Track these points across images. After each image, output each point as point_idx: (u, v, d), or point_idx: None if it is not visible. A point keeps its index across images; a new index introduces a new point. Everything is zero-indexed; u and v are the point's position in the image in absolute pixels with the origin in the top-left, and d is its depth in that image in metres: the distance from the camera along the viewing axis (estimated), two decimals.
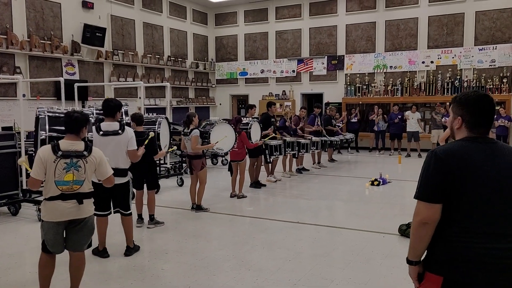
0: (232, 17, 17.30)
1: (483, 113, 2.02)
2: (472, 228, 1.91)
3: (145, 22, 14.44)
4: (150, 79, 14.44)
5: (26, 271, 4.41)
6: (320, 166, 11.04)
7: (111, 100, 4.87)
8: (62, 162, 3.39)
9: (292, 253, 4.84)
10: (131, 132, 4.84)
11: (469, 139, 2.02)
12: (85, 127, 3.61)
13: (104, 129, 4.71)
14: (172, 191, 8.42)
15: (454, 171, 1.91)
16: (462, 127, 2.05)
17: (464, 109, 2.04)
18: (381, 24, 14.71)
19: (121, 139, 4.70)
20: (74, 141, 3.50)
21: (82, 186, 3.47)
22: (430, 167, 1.96)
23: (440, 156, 1.95)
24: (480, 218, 1.91)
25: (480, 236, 1.90)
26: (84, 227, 3.55)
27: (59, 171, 3.38)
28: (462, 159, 1.93)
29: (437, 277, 1.96)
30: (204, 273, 4.29)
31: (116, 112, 4.80)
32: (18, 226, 6.04)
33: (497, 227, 1.91)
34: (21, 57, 10.67)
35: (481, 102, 2.02)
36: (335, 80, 15.63)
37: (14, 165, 6.70)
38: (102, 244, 4.79)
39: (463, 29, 13.62)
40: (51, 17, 11.37)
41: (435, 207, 1.93)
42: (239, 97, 17.79)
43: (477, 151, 1.96)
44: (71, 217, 3.45)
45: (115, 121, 4.78)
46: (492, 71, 13.37)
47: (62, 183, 3.39)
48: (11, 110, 10.00)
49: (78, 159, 3.43)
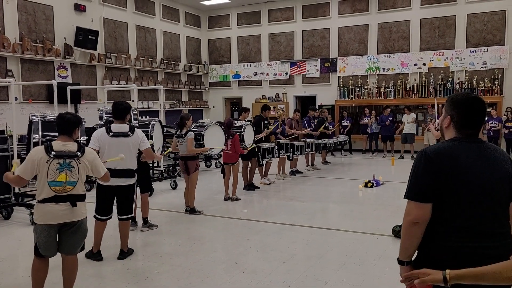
0: (225, 20, 17.33)
1: (473, 115, 2.04)
2: (462, 227, 1.93)
3: (138, 25, 14.42)
4: (143, 82, 14.41)
5: (19, 275, 4.37)
6: (313, 168, 11.07)
7: (121, 103, 4.92)
8: (55, 162, 3.37)
9: (286, 255, 4.84)
10: (141, 133, 4.91)
11: (457, 139, 2.04)
12: (78, 128, 3.63)
13: (114, 130, 4.74)
14: (166, 194, 8.40)
15: (444, 171, 1.94)
16: (450, 126, 2.08)
17: (454, 109, 2.07)
18: (374, 27, 14.81)
19: (131, 141, 4.75)
20: (67, 142, 3.50)
21: (75, 187, 3.45)
22: (420, 167, 1.98)
23: (429, 155, 1.97)
24: (469, 218, 1.93)
25: (470, 235, 1.92)
26: (78, 230, 3.53)
27: (52, 171, 3.36)
28: (452, 159, 1.95)
29: None
30: (198, 276, 4.28)
31: (126, 115, 4.85)
32: (10, 230, 5.99)
33: (486, 226, 1.94)
34: (13, 60, 10.61)
35: (471, 104, 2.04)
36: (328, 83, 15.70)
37: (6, 168, 6.63)
38: (97, 246, 4.76)
39: (455, 31, 13.75)
40: (43, 20, 11.32)
41: (426, 206, 1.95)
42: (233, 99, 17.80)
43: (466, 151, 1.99)
44: (64, 220, 3.43)
45: (124, 123, 4.82)
46: (483, 73, 13.50)
47: (55, 184, 3.37)
48: (3, 113, 9.93)
49: (71, 160, 3.42)
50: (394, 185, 9.02)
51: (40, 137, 6.44)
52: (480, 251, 1.90)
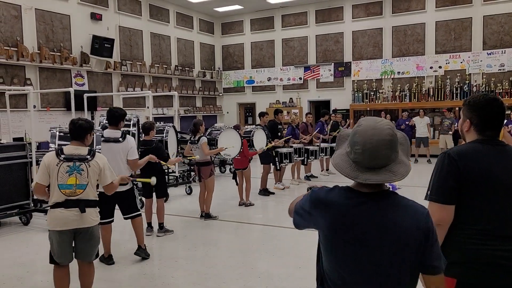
0: (238, 26, 17.42)
1: (492, 116, 2.01)
2: (485, 230, 1.90)
3: (153, 33, 14.59)
4: (157, 88, 14.54)
5: (38, 280, 4.44)
6: (328, 173, 11.00)
7: (116, 110, 5.01)
8: (64, 165, 3.39)
9: (302, 260, 4.81)
10: (132, 142, 4.91)
11: (479, 141, 2.01)
12: (90, 134, 3.63)
13: (106, 135, 4.86)
14: (181, 200, 8.44)
15: (467, 172, 1.91)
16: (470, 129, 2.05)
17: (473, 112, 2.04)
18: (388, 30, 14.71)
19: (121, 147, 4.79)
20: (78, 146, 3.52)
21: (85, 191, 3.43)
22: (444, 169, 1.95)
23: (453, 157, 1.95)
24: (492, 221, 1.90)
25: (493, 239, 1.89)
26: (91, 238, 3.51)
27: (61, 174, 3.37)
28: (474, 161, 1.93)
29: (450, 279, 1.95)
30: (214, 281, 4.28)
31: (120, 121, 4.92)
32: (29, 236, 6.09)
33: (509, 229, 1.90)
34: (31, 69, 10.82)
35: (489, 105, 2.02)
36: (342, 87, 15.62)
37: (25, 175, 6.77)
38: (107, 252, 4.84)
39: (471, 33, 13.57)
40: (60, 29, 11.54)
41: (449, 208, 1.92)
42: (246, 105, 17.84)
43: (488, 153, 1.96)
44: (74, 226, 3.40)
45: (117, 129, 4.89)
46: (501, 76, 13.27)
47: (65, 187, 3.38)
48: (22, 121, 10.12)
49: (81, 163, 3.43)
50: (410, 189, 8.87)
51: (55, 145, 6.79)
52: (503, 254, 1.87)
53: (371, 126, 1.48)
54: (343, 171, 1.52)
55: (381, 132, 1.45)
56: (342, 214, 1.50)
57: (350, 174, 1.50)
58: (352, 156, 1.50)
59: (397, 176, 1.46)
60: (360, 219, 1.47)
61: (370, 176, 1.45)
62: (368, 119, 1.52)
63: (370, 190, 1.51)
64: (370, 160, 1.46)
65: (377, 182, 1.45)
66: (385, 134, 1.45)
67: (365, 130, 1.47)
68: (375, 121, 1.50)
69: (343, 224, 1.49)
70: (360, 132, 1.48)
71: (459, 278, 1.93)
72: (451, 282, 1.94)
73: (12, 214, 6.51)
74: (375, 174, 1.45)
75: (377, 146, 1.44)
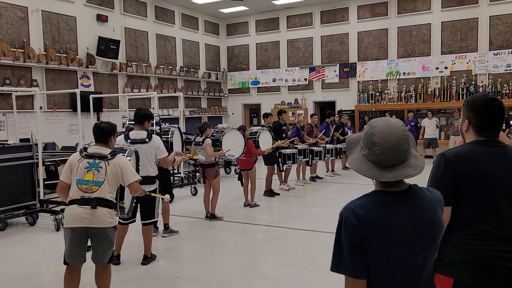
0: (243, 27, 17.44)
1: (490, 116, 2.01)
2: (482, 231, 1.91)
3: (158, 34, 14.64)
4: (163, 89, 14.59)
5: (44, 280, 4.46)
6: (334, 174, 10.98)
7: (142, 109, 5.03)
8: (84, 161, 3.48)
9: (307, 261, 4.81)
10: (158, 141, 4.95)
11: (477, 142, 2.01)
12: (113, 136, 3.73)
13: (132, 137, 4.84)
14: (186, 200, 8.45)
15: (464, 174, 1.91)
16: (469, 130, 2.05)
17: (471, 112, 2.04)
18: (393, 31, 14.67)
19: (148, 147, 4.82)
20: (101, 147, 3.61)
21: (101, 188, 3.40)
22: (440, 170, 1.96)
23: (449, 158, 1.95)
24: (490, 222, 1.91)
25: (490, 240, 1.90)
26: (103, 240, 3.43)
27: (81, 169, 3.45)
28: (471, 162, 1.93)
29: (447, 278, 1.96)
30: (219, 282, 4.29)
31: (145, 121, 4.94)
32: (35, 236, 6.12)
33: (506, 230, 1.90)
34: (37, 70, 10.89)
35: (487, 105, 2.01)
36: (348, 88, 15.59)
37: (32, 176, 6.81)
38: (117, 250, 4.80)
39: (477, 34, 13.50)
40: (66, 30, 11.61)
41: (446, 209, 1.92)
42: (251, 106, 17.85)
43: (486, 154, 1.96)
44: (84, 224, 3.35)
45: (143, 130, 4.90)
46: (508, 76, 13.19)
47: (81, 182, 3.42)
48: (29, 122, 10.19)
49: (101, 160, 3.50)
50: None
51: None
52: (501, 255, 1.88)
53: (387, 126, 1.50)
54: (367, 174, 1.52)
55: (398, 130, 1.49)
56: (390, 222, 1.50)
57: (375, 175, 1.50)
58: (372, 157, 1.51)
59: (416, 169, 1.50)
60: (401, 218, 1.50)
61: (394, 173, 1.48)
62: (379, 120, 1.54)
63: (397, 188, 1.53)
64: (392, 158, 1.48)
65: (402, 177, 1.48)
66: (401, 131, 1.49)
67: (383, 130, 1.49)
68: (387, 120, 1.53)
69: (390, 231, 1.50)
70: (378, 133, 1.49)
71: (457, 277, 1.93)
72: (448, 281, 1.94)
73: (19, 215, 6.55)
74: (396, 170, 1.48)
75: (398, 143, 1.47)
